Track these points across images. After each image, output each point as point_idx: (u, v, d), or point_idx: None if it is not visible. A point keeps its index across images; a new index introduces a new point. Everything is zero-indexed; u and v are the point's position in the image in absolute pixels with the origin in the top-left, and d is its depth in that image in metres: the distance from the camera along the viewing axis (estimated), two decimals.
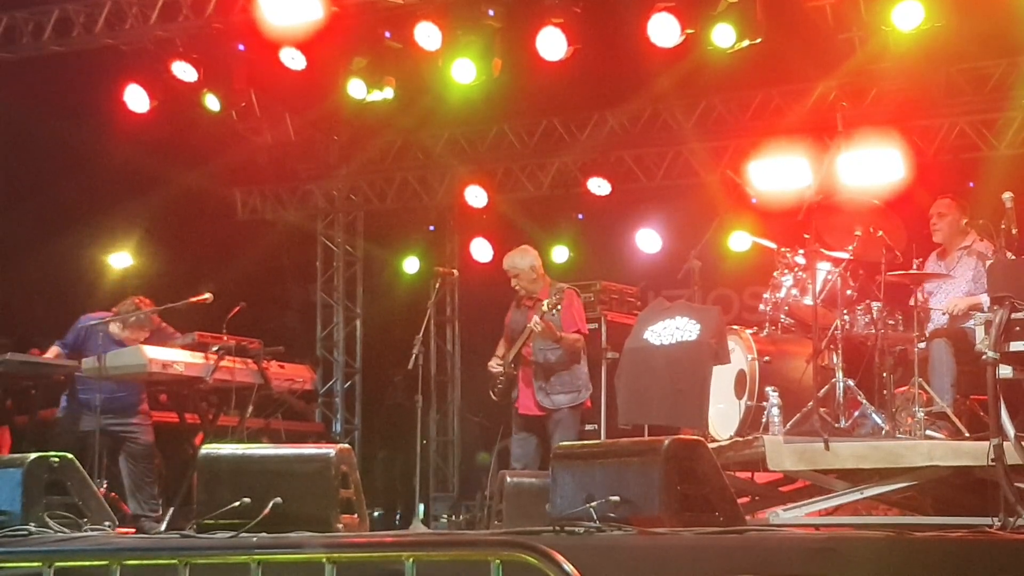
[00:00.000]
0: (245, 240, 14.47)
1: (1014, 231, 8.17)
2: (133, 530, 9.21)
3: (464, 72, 11.37)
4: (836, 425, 8.65)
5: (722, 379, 9.05)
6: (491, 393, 10.07)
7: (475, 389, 12.91)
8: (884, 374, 8.93)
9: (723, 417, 9.18)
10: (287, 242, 15.35)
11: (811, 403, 8.58)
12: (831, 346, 8.97)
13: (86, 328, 10.10)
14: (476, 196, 14.12)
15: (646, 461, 6.49)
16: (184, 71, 12.10)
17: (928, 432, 8.55)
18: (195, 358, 10.16)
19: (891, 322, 9.05)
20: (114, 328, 10.11)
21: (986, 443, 7.64)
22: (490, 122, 14.00)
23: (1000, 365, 7.67)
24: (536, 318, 9.71)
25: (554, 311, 9.71)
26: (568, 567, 4.82)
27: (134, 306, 10.22)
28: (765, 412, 8.86)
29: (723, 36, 10.45)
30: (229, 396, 10.50)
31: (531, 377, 9.92)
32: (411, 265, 14.86)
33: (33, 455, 7.46)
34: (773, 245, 9.76)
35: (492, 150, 14.36)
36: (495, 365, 10.04)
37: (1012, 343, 7.72)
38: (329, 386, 15.28)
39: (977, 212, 9.44)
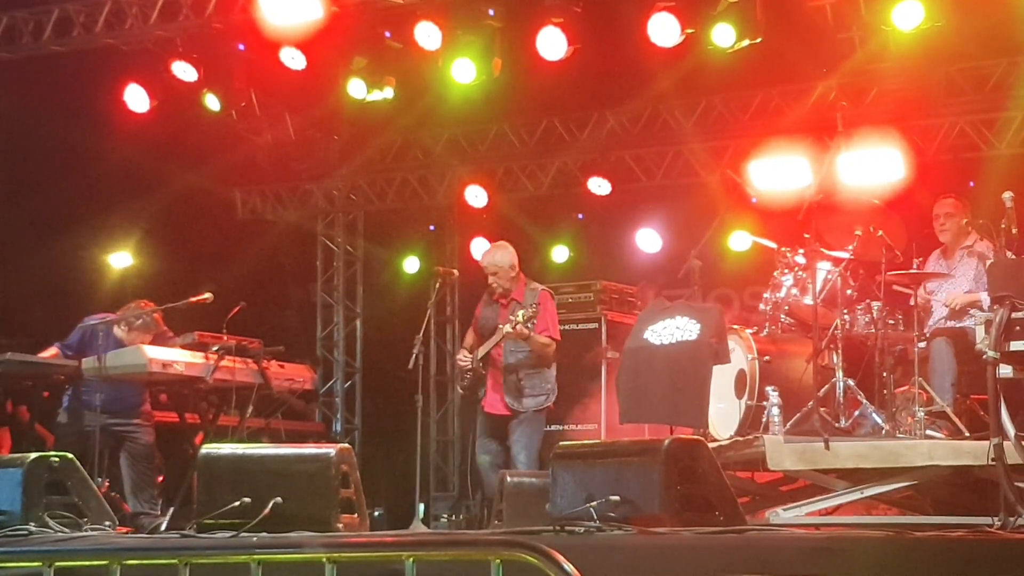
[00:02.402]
0: (245, 240, 14.46)
1: (1014, 231, 8.18)
2: (133, 530, 9.20)
3: (464, 72, 11.36)
4: (836, 425, 8.66)
5: (722, 379, 9.06)
6: (458, 387, 10.10)
7: None
8: (884, 374, 8.94)
9: (723, 417, 9.19)
10: (287, 242, 15.34)
11: (811, 403, 8.59)
12: (831, 346, 8.98)
13: (90, 328, 10.09)
14: (476, 196, 14.12)
15: (646, 461, 6.49)
16: (184, 71, 12.10)
17: (928, 431, 8.56)
18: (195, 358, 10.15)
19: (891, 321, 9.06)
20: (118, 332, 10.10)
21: (986, 442, 7.65)
22: (490, 122, 13.99)
23: (1000, 364, 7.68)
24: (508, 327, 9.68)
25: (529, 324, 9.67)
26: (568, 567, 4.82)
27: (139, 309, 10.22)
28: (765, 412, 8.87)
29: (723, 36, 10.44)
30: (229, 396, 10.49)
31: (500, 378, 9.93)
32: (411, 265, 14.87)
33: (33, 455, 7.47)
34: (773, 245, 9.77)
35: (492, 150, 14.35)
36: (463, 358, 10.06)
37: (1012, 342, 7.72)
38: (329, 386, 15.28)
39: (977, 212, 9.45)
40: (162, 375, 10.07)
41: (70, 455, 7.55)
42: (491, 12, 11.17)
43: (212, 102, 12.35)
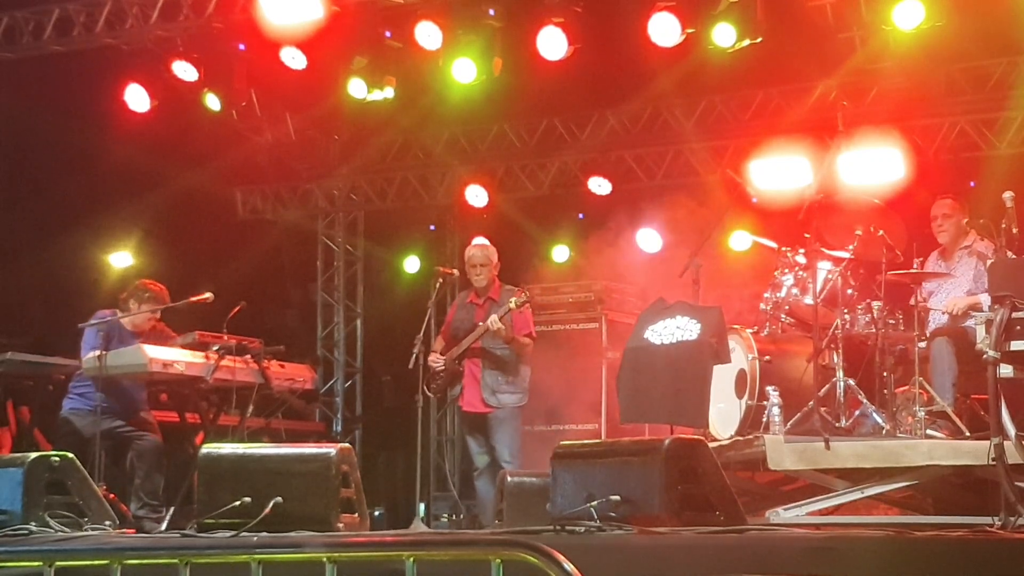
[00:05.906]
0: (245, 240, 14.46)
1: (1015, 230, 8.18)
2: (133, 530, 9.19)
3: (464, 71, 11.36)
4: (836, 424, 8.66)
5: (723, 378, 9.06)
6: (427, 388, 10.11)
7: None
8: (884, 373, 8.94)
9: (724, 416, 9.19)
10: (287, 242, 15.35)
11: (812, 402, 8.59)
12: (831, 345, 8.98)
13: (104, 327, 10.03)
14: (476, 196, 14.11)
15: (646, 461, 6.49)
16: (184, 70, 12.09)
17: (929, 431, 8.56)
18: (196, 357, 10.15)
19: (891, 321, 9.06)
20: (128, 320, 10.06)
21: (987, 442, 7.65)
22: (490, 122, 13.99)
23: (1001, 364, 7.68)
24: (495, 317, 9.73)
25: (520, 309, 9.74)
26: (569, 566, 4.82)
27: (144, 287, 10.21)
28: (766, 411, 8.87)
29: (723, 35, 10.44)
30: (230, 395, 10.50)
31: (479, 374, 9.96)
32: (412, 264, 14.87)
33: (33, 455, 7.47)
34: (774, 244, 9.78)
35: (492, 150, 14.35)
36: (435, 361, 10.08)
37: (1013, 342, 7.73)
38: (330, 385, 15.28)
39: (977, 211, 9.44)
40: (162, 375, 10.06)
41: (70, 455, 7.54)
42: (491, 12, 11.17)
43: (212, 102, 12.34)
